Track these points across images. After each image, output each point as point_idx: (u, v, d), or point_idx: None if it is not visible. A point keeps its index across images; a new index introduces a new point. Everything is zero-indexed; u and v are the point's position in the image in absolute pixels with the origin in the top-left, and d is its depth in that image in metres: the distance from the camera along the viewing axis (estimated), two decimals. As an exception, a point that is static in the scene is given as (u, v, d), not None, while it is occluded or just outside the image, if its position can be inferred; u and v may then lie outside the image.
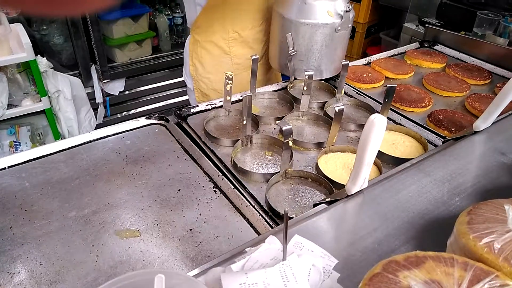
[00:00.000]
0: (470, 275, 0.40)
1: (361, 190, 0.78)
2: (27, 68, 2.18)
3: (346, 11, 1.26)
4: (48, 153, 1.06)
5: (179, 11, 2.98)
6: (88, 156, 1.07)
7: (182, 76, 1.68)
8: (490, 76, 1.57)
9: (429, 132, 1.20)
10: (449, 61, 1.69)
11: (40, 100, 2.20)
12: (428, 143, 1.14)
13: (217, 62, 1.49)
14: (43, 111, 2.26)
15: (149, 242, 0.84)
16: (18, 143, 2.24)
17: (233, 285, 0.47)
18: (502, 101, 0.91)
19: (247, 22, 1.44)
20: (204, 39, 1.46)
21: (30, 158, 1.04)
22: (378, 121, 0.64)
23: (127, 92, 2.88)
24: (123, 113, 2.95)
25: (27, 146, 2.26)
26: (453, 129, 1.22)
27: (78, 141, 1.11)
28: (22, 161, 1.02)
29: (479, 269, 0.41)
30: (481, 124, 0.97)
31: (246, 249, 0.60)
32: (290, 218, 0.75)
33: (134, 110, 2.99)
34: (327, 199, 0.78)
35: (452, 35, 1.79)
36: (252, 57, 1.24)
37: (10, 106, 2.13)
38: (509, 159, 0.90)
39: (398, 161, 1.04)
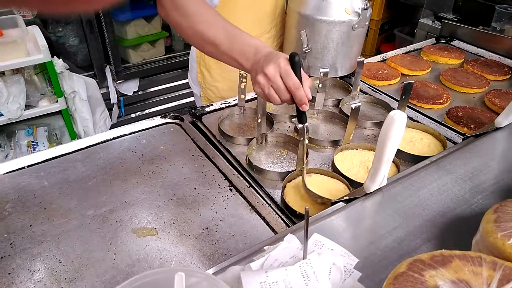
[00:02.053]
0: (500, 274, 0.39)
1: (379, 188, 0.77)
2: (43, 69, 2.22)
3: (364, 9, 1.25)
4: (66, 152, 1.07)
5: (192, 11, 2.98)
6: (105, 155, 1.08)
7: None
8: (510, 72, 1.53)
9: (448, 129, 1.18)
10: (467, 57, 1.65)
11: (57, 101, 2.23)
12: (447, 141, 1.11)
13: (225, 71, 1.47)
14: (59, 112, 2.29)
15: (166, 241, 0.84)
16: (35, 143, 2.28)
17: (254, 283, 0.46)
18: (525, 97, 0.88)
19: (255, 29, 1.41)
20: None
21: (48, 157, 1.05)
22: (398, 117, 0.63)
23: (141, 92, 2.91)
24: (137, 113, 2.98)
25: (44, 146, 2.29)
26: (472, 126, 1.19)
27: (95, 141, 1.12)
28: (40, 160, 1.04)
29: (509, 269, 0.40)
30: (503, 120, 0.94)
31: (265, 248, 0.59)
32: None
33: (148, 110, 3.01)
34: (345, 197, 0.76)
35: (469, 30, 1.75)
36: (267, 55, 1.23)
37: (27, 107, 2.16)
38: (533, 156, 0.87)
39: (417, 158, 1.01)
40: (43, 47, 2.03)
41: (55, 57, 2.18)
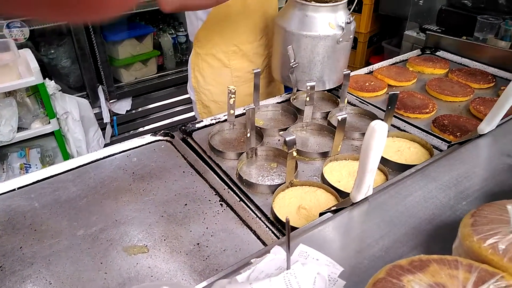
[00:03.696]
0: (475, 276, 0.39)
1: (366, 197, 0.78)
2: (35, 91, 2.23)
3: (347, 23, 1.28)
4: (57, 173, 1.08)
5: (183, 29, 3.03)
6: (96, 174, 1.08)
7: (188, 93, 1.71)
8: (494, 79, 1.56)
9: (434, 138, 1.20)
10: (452, 66, 1.69)
11: (49, 122, 2.24)
12: (433, 149, 1.13)
13: (217, 75, 1.52)
14: (52, 133, 2.29)
15: (157, 258, 0.84)
16: (28, 165, 2.27)
17: (239, 296, 0.47)
18: (505, 103, 0.90)
19: (247, 36, 1.47)
20: (205, 52, 1.49)
21: (39, 179, 1.05)
22: (378, 127, 0.65)
23: (134, 111, 2.92)
24: (131, 132, 2.98)
25: (37, 168, 2.29)
26: (458, 133, 1.21)
27: (86, 160, 1.12)
28: (31, 181, 1.04)
29: (484, 271, 0.41)
30: (485, 127, 0.96)
31: (252, 260, 0.60)
32: (296, 228, 0.75)
33: (141, 128, 3.02)
34: (332, 208, 0.77)
35: (453, 41, 1.80)
36: (254, 71, 1.26)
37: (20, 129, 2.17)
38: (516, 161, 0.89)
39: (404, 167, 1.03)
40: (35, 70, 2.05)
41: (47, 79, 2.19)
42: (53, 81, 2.24)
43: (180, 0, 1.19)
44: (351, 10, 1.29)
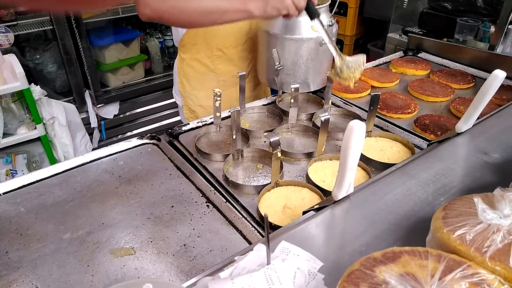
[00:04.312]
0: (443, 266, 0.42)
1: (348, 195, 0.80)
2: (21, 96, 2.21)
3: (329, 25, 1.31)
4: (43, 177, 1.08)
5: (170, 33, 3.04)
6: (82, 178, 1.08)
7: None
8: (473, 80, 1.61)
9: (416, 137, 1.23)
10: (433, 68, 1.73)
11: (35, 128, 2.22)
12: (415, 148, 1.16)
13: (203, 79, 1.53)
14: (38, 138, 2.28)
15: (144, 259, 0.85)
16: (14, 171, 2.25)
17: (221, 291, 0.48)
18: (481, 102, 0.94)
19: (231, 41, 1.48)
20: (190, 57, 1.50)
21: (25, 184, 1.05)
22: (356, 127, 0.67)
23: (121, 115, 2.92)
24: (119, 136, 2.98)
25: (23, 173, 2.26)
26: (439, 132, 1.25)
27: (72, 164, 1.12)
28: (16, 186, 1.04)
29: (452, 260, 0.43)
30: (462, 125, 1.00)
31: (235, 258, 0.61)
32: (280, 227, 0.76)
33: (129, 132, 3.01)
34: (315, 206, 0.79)
35: (434, 43, 1.84)
36: (240, 74, 1.28)
37: (5, 135, 2.15)
38: (492, 158, 0.92)
39: (386, 166, 1.05)
40: (20, 75, 2.04)
41: (32, 84, 2.18)
42: (38, 86, 2.23)
43: (158, 11, 1.06)
44: (333, 13, 1.32)
